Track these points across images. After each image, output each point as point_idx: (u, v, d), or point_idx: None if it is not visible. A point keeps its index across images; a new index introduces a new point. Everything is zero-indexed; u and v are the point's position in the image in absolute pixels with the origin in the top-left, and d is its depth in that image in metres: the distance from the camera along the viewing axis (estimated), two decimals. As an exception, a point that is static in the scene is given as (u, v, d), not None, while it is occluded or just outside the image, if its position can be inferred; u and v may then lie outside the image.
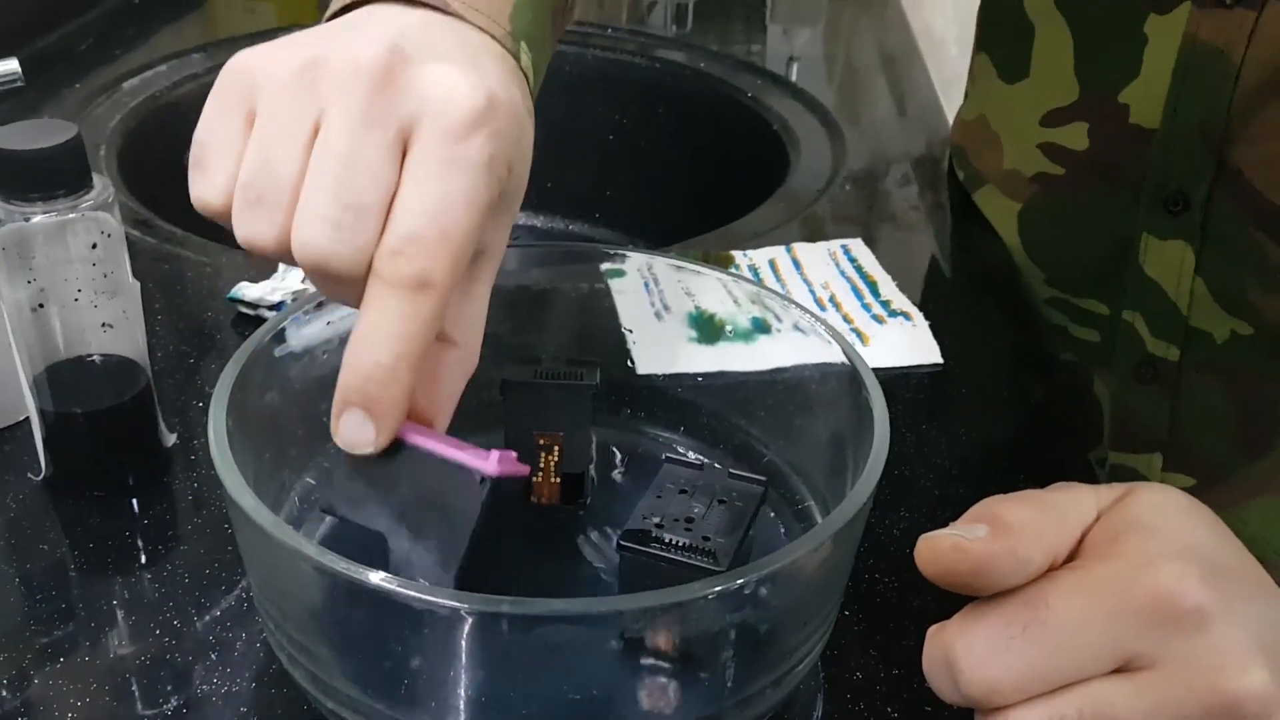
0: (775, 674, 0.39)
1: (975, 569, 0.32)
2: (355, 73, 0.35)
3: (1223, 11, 0.58)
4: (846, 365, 0.45)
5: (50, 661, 0.44)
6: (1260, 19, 0.57)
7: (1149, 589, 0.31)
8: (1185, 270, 0.63)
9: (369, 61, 0.35)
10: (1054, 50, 0.67)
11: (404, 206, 0.35)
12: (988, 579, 0.32)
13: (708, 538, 0.40)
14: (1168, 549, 0.32)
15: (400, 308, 0.34)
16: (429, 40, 0.37)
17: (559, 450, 0.48)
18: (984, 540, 0.32)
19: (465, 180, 0.35)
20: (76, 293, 0.48)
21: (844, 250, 0.74)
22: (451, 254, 0.35)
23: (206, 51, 1.00)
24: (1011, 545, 0.32)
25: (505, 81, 0.38)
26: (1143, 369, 0.67)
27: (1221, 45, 0.58)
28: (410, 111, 0.35)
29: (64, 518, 0.50)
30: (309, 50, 0.36)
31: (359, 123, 0.35)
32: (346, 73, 0.35)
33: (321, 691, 0.39)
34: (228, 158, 0.36)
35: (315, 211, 0.35)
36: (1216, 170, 0.60)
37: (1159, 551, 0.32)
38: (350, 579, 0.34)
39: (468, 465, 0.36)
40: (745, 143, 0.97)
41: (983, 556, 0.32)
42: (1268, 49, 0.57)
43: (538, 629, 0.35)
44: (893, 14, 1.22)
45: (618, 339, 0.55)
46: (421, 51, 0.36)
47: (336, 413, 0.36)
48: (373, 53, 0.35)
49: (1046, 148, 0.69)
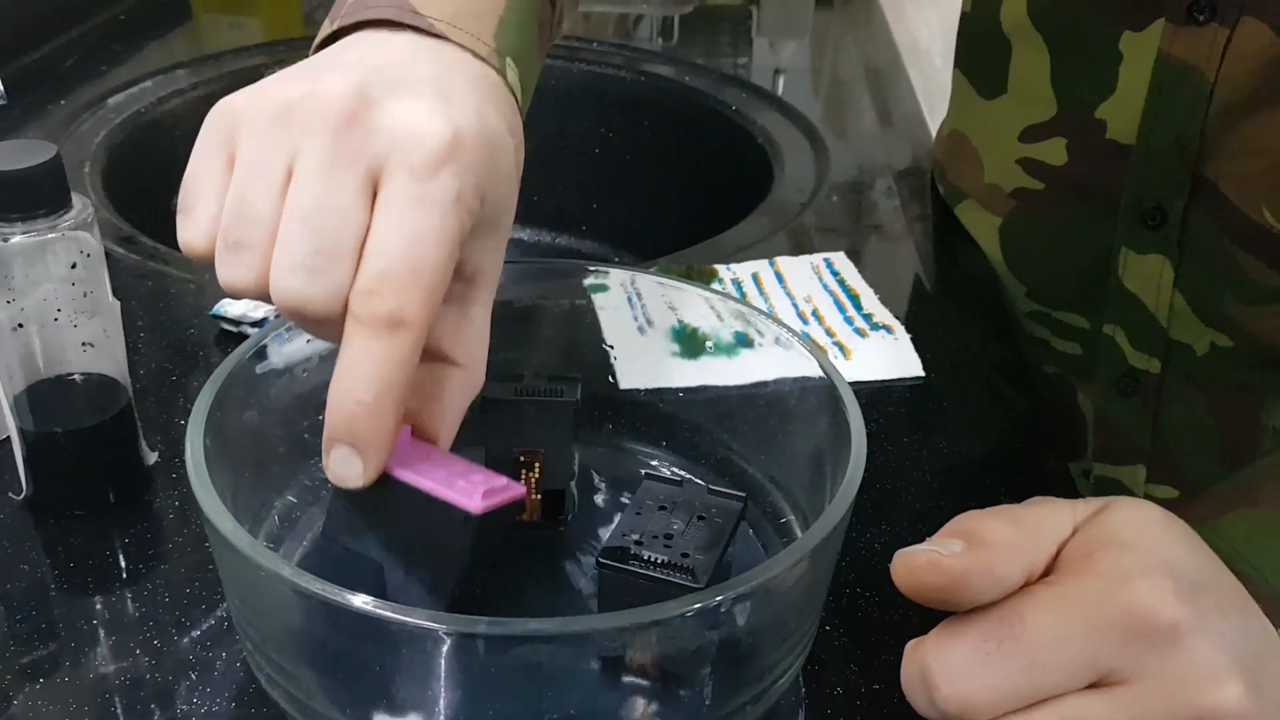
0: (755, 690, 0.39)
1: (951, 585, 0.32)
2: (323, 115, 0.35)
3: (1195, 29, 0.58)
4: (826, 380, 0.46)
5: (30, 681, 0.43)
6: (1232, 36, 0.57)
7: (1124, 605, 0.31)
8: (1164, 284, 0.64)
9: (335, 103, 0.35)
10: (1031, 67, 0.67)
11: (375, 247, 0.35)
12: (963, 595, 0.32)
13: (687, 554, 0.40)
14: (1143, 564, 0.32)
15: (377, 346, 0.35)
16: (402, 73, 0.38)
17: (540, 467, 0.48)
18: (960, 556, 0.32)
19: (433, 217, 0.35)
20: (56, 312, 0.48)
21: (827, 264, 0.74)
22: (424, 290, 0.35)
23: (192, 67, 1.00)
24: (987, 561, 0.32)
25: (479, 108, 0.38)
26: (1124, 382, 0.68)
27: (1195, 62, 0.58)
28: (377, 152, 0.35)
29: (45, 537, 0.50)
30: (286, 90, 0.37)
31: (327, 166, 0.35)
32: (314, 116, 0.36)
33: (300, 712, 0.39)
34: (210, 200, 0.37)
35: (288, 259, 0.35)
36: (1193, 185, 0.61)
37: (1134, 567, 0.32)
38: (328, 601, 0.34)
39: (454, 504, 0.37)
40: (731, 156, 0.98)
41: (958, 573, 0.32)
42: (1240, 66, 0.57)
43: (515, 649, 0.35)
44: (878, 28, 1.23)
45: (600, 354, 0.55)
46: (391, 88, 0.36)
47: (326, 449, 0.37)
48: (339, 93, 0.36)
49: (1025, 163, 0.69)
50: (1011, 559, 0.33)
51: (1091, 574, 0.32)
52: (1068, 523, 0.34)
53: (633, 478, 0.48)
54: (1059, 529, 0.34)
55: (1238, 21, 0.57)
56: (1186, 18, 0.58)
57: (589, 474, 0.52)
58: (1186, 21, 0.59)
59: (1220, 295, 0.62)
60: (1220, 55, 0.57)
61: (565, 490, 0.49)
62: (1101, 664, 0.31)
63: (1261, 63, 0.56)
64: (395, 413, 0.36)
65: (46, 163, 0.45)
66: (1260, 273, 0.60)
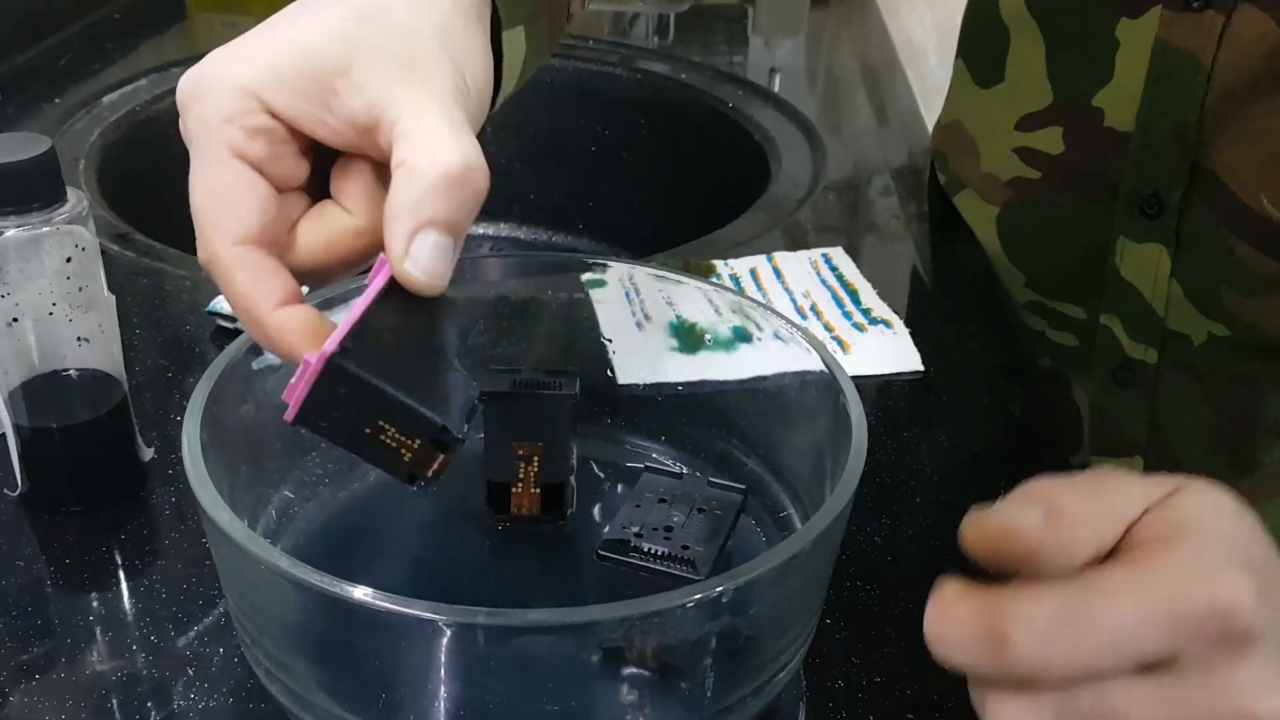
0: (756, 683, 0.39)
1: (1025, 555, 0.31)
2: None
3: (1192, 16, 0.58)
4: (826, 373, 0.45)
5: (27, 679, 0.43)
6: (1229, 23, 0.57)
7: (1208, 599, 0.30)
8: (1161, 273, 0.64)
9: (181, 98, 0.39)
10: (1027, 55, 0.67)
11: None
12: (1033, 566, 0.31)
13: (687, 546, 0.40)
14: (1227, 558, 0.31)
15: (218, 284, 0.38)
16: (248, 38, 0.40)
17: (539, 461, 0.47)
18: (1038, 529, 0.31)
19: (192, 154, 0.38)
20: (51, 306, 0.48)
21: (825, 259, 0.74)
22: (204, 221, 0.37)
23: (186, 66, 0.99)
24: (1066, 538, 0.31)
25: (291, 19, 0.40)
26: (1121, 372, 0.68)
27: (1192, 49, 0.58)
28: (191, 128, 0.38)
29: (40, 533, 0.50)
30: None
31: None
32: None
33: (299, 706, 0.38)
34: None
35: None
36: (1191, 174, 0.61)
37: (1218, 561, 0.31)
38: (326, 592, 0.34)
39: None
40: (727, 153, 0.98)
41: (1035, 544, 0.31)
42: (1237, 53, 0.57)
43: (515, 640, 0.34)
44: (873, 25, 1.23)
45: (598, 349, 0.55)
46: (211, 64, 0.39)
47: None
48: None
49: (1022, 152, 0.69)
50: (1088, 535, 0.32)
51: (1174, 561, 0.31)
52: (1140, 501, 0.33)
53: (632, 472, 0.48)
54: (1132, 507, 0.33)
55: (1234, 8, 0.57)
56: (1183, 4, 0.58)
57: (588, 468, 0.52)
58: (1183, 8, 0.58)
59: (1218, 285, 0.62)
60: (1217, 42, 0.57)
61: (565, 484, 0.48)
62: (1171, 651, 0.30)
63: (1259, 50, 0.56)
64: (265, 324, 0.37)
65: (40, 156, 0.45)
66: (1259, 262, 0.60)
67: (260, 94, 0.38)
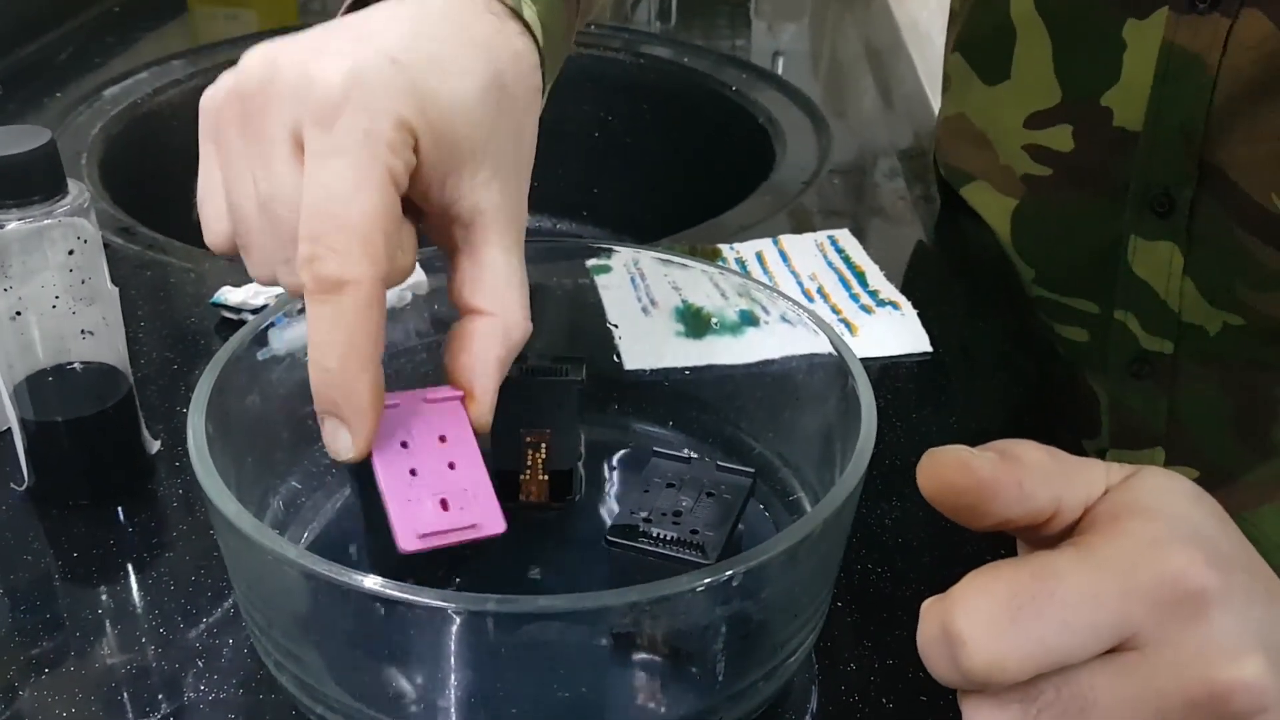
0: (767, 667, 0.39)
1: (976, 489, 0.30)
2: (240, 103, 0.36)
3: (1198, 18, 0.58)
4: (834, 356, 0.45)
5: (36, 673, 0.43)
6: (1234, 26, 0.57)
7: (1156, 568, 0.30)
8: (1174, 270, 0.63)
9: (242, 88, 0.36)
10: (1034, 54, 0.67)
11: (303, 211, 0.35)
12: (988, 505, 0.30)
13: (696, 531, 0.40)
14: (1174, 531, 0.31)
15: (329, 311, 0.34)
16: (328, 38, 0.37)
17: (546, 447, 0.47)
18: (991, 462, 0.31)
19: (345, 163, 0.34)
20: (54, 300, 0.47)
21: (831, 241, 0.73)
22: (358, 241, 0.34)
23: (187, 58, 0.99)
24: (1018, 475, 0.31)
25: (412, 42, 0.37)
26: (1137, 365, 0.67)
27: (1198, 50, 0.58)
28: (287, 119, 0.35)
29: (48, 528, 0.50)
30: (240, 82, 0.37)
31: (263, 152, 0.35)
32: (243, 105, 0.36)
33: (309, 696, 0.38)
34: (212, 202, 0.39)
35: (266, 256, 0.37)
36: (1200, 172, 0.61)
37: (1165, 533, 0.30)
38: (335, 582, 0.34)
39: (393, 526, 0.36)
40: (731, 137, 0.97)
41: (986, 478, 0.30)
42: (1243, 56, 0.57)
43: (525, 627, 0.34)
44: (878, 8, 1.22)
45: (604, 335, 0.55)
46: (319, 49, 0.36)
47: (320, 421, 0.37)
48: (253, 72, 0.36)
49: (1032, 149, 0.69)
50: (1041, 481, 0.31)
51: (1122, 536, 0.31)
52: (1101, 481, 0.32)
53: (640, 457, 0.47)
54: (1092, 482, 0.32)
55: (1239, 12, 0.57)
56: (1189, 6, 0.58)
57: (596, 453, 0.52)
58: (1188, 10, 0.58)
59: (1231, 281, 0.62)
60: (1222, 44, 0.57)
61: (572, 470, 0.48)
62: (1128, 628, 0.30)
63: (1263, 54, 0.57)
64: (365, 375, 0.35)
65: (41, 148, 0.45)
66: (1271, 258, 0.60)
67: (417, 135, 0.36)
